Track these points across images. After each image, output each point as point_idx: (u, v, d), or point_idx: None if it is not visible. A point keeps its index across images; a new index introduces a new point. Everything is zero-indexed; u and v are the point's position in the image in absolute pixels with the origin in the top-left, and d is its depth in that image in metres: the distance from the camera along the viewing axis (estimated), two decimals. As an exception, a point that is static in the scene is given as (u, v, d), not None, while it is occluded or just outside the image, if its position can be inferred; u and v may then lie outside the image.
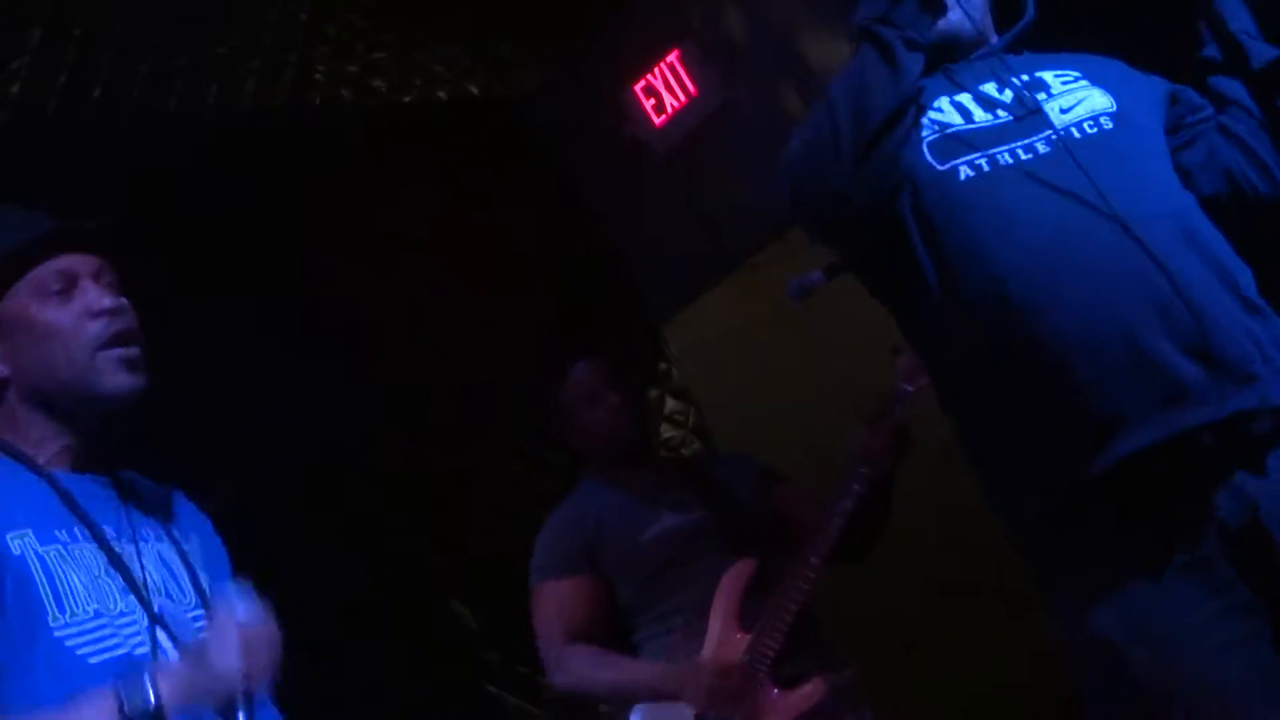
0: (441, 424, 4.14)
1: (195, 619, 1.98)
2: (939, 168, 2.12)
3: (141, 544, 1.98)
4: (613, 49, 4.67)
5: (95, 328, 1.95)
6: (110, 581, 1.91)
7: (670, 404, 4.73)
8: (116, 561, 1.92)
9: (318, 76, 4.25)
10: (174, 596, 1.98)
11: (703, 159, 4.54)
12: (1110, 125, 2.15)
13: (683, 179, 4.59)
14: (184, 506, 2.17)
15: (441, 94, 4.61)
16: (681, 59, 4.53)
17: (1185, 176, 2.16)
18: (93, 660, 1.83)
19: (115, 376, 1.94)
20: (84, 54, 3.73)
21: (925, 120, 2.17)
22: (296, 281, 4.07)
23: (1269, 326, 2.04)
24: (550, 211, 4.79)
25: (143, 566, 1.95)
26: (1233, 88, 2.20)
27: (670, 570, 3.28)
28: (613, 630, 3.29)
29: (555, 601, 3.30)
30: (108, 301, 1.97)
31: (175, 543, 2.05)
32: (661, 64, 4.55)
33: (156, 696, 1.79)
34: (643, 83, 4.58)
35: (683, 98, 4.54)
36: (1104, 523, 1.98)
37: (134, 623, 1.90)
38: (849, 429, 3.33)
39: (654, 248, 4.79)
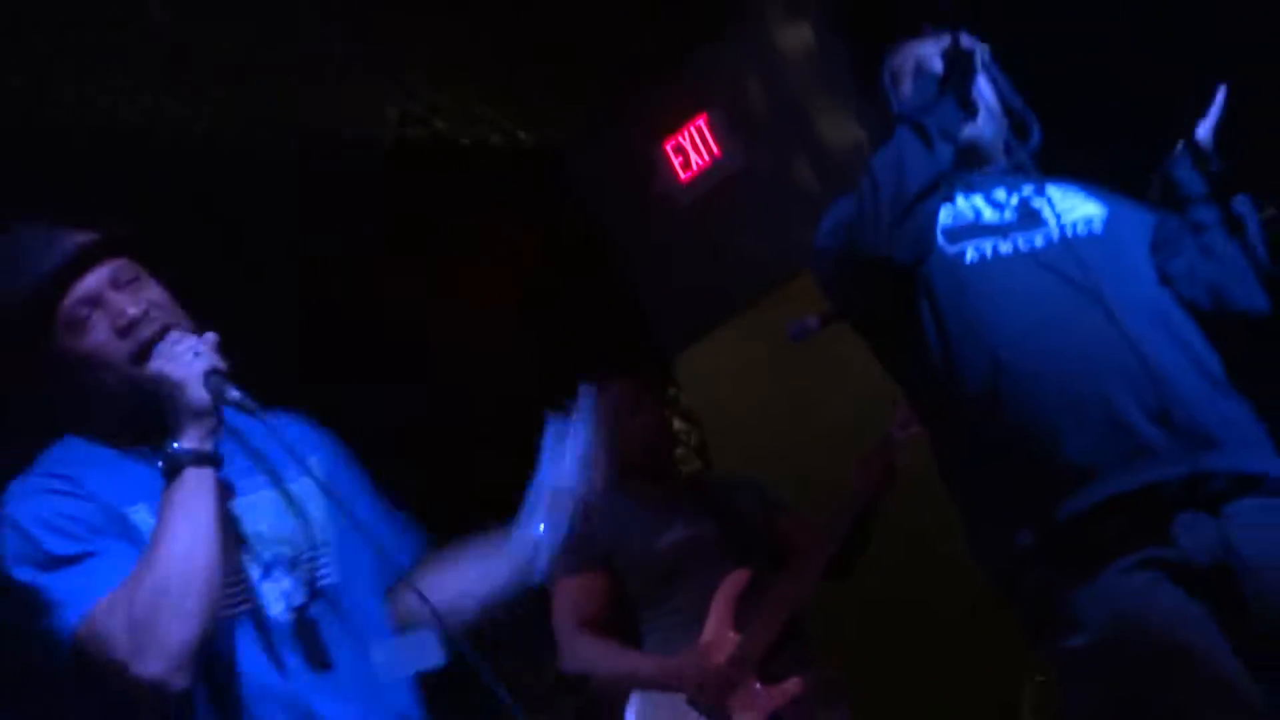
0: (480, 433, 4.03)
1: (310, 559, 1.92)
2: (949, 250, 2.20)
3: (247, 497, 1.92)
4: (649, 110, 4.66)
5: (128, 345, 1.87)
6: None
7: (677, 425, 4.62)
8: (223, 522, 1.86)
9: (388, 116, 4.26)
10: (286, 543, 1.92)
11: (721, 213, 4.53)
12: (1100, 229, 2.23)
13: (702, 229, 4.57)
14: (297, 437, 2.03)
15: (495, 139, 4.58)
16: (709, 124, 4.53)
17: (1168, 284, 2.22)
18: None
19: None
20: (173, 76, 3.67)
21: (942, 211, 2.24)
22: (346, 295, 4.03)
23: (1232, 404, 2.11)
24: (583, 250, 4.76)
25: (252, 519, 1.91)
26: (1211, 214, 2.26)
27: (678, 575, 3.30)
28: (621, 623, 3.30)
29: (572, 595, 3.29)
30: (130, 312, 1.87)
31: (282, 486, 1.96)
32: (691, 127, 4.56)
33: (179, 448, 1.79)
34: (673, 142, 4.60)
35: (707, 158, 4.54)
36: (1081, 559, 2.01)
37: (241, 581, 1.87)
38: (834, 461, 3.40)
39: (671, 287, 4.77)
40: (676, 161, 4.61)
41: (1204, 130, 2.28)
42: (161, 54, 3.57)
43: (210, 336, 1.88)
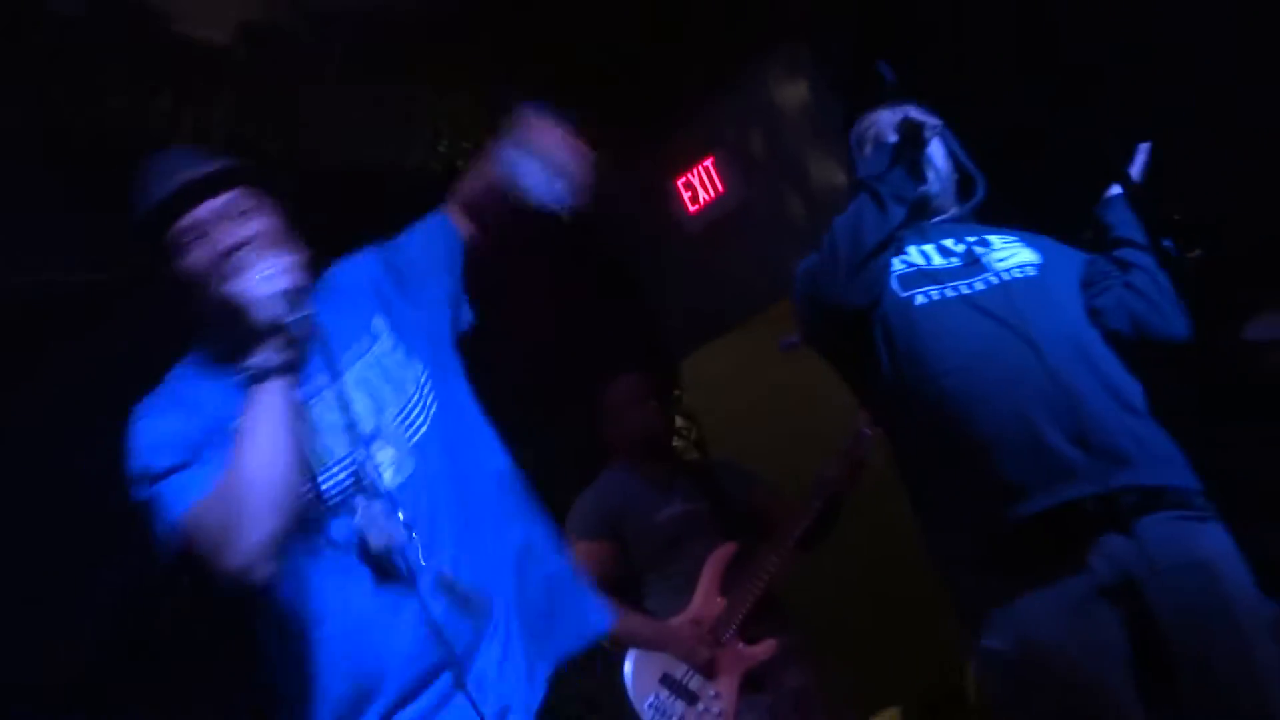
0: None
1: (404, 419, 1.91)
2: (901, 294, 2.29)
3: (323, 393, 1.91)
4: (664, 151, 4.79)
5: (221, 271, 1.87)
6: (317, 438, 1.90)
7: (679, 421, 4.81)
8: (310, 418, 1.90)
9: (441, 149, 4.42)
10: (380, 413, 1.91)
11: (723, 241, 4.65)
12: (1034, 273, 2.30)
13: (706, 254, 4.68)
14: (356, 297, 2.03)
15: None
16: (715, 164, 4.68)
17: (1097, 316, 2.28)
18: (326, 506, 1.89)
19: (266, 304, 1.85)
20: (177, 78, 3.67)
21: (897, 260, 2.33)
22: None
23: (1145, 425, 2.16)
24: (604, 270, 4.86)
25: (341, 405, 1.90)
26: (1138, 257, 2.32)
27: (674, 545, 3.41)
28: (622, 586, 3.37)
29: (580, 557, 3.28)
30: (228, 241, 1.87)
31: (361, 364, 1.95)
32: (699, 166, 4.70)
33: (251, 363, 1.80)
34: (684, 179, 4.75)
35: (712, 194, 4.68)
36: (1012, 567, 2.06)
37: (348, 462, 1.89)
38: (812, 455, 3.47)
39: (679, 302, 4.86)
40: (686, 196, 4.76)
41: (1133, 173, 2.37)
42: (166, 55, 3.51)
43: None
